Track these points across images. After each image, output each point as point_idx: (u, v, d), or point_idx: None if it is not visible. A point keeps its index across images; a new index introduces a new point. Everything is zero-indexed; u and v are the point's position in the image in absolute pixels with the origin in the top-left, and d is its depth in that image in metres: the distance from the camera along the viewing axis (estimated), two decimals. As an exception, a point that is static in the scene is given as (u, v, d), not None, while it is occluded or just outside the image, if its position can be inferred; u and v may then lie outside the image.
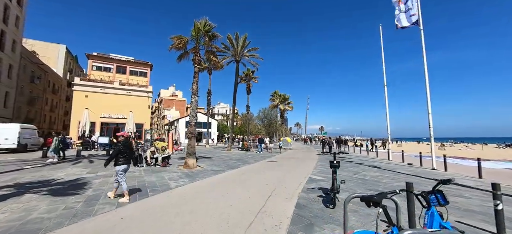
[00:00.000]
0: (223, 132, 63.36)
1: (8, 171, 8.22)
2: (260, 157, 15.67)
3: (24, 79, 27.67)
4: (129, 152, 5.03)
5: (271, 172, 8.84)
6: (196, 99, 10.36)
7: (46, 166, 9.75)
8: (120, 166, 4.82)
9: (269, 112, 26.94)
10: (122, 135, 5.36)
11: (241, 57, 23.45)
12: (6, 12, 23.12)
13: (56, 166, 9.96)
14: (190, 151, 9.97)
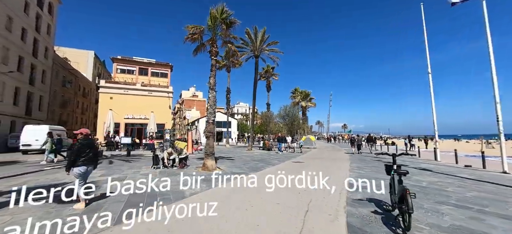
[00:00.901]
0: (243, 131, 62.88)
1: (26, 173, 7.97)
2: (283, 157, 14.39)
3: (56, 84, 29.34)
4: (91, 152, 4.46)
5: (300, 176, 7.55)
6: (213, 94, 9.42)
7: (64, 168, 9.49)
8: (78, 167, 4.26)
9: (291, 109, 25.44)
10: (80, 132, 4.64)
11: (261, 52, 22.32)
12: (38, 21, 24.48)
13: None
14: (209, 151, 9.05)
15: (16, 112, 21.22)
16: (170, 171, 8.65)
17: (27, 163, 10.86)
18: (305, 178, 6.76)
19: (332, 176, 7.70)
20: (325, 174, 7.99)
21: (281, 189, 5.70)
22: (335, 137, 60.59)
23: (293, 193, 5.35)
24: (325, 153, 18.53)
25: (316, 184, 6.06)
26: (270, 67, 31.10)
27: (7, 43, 19.49)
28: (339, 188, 6.02)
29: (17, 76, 20.97)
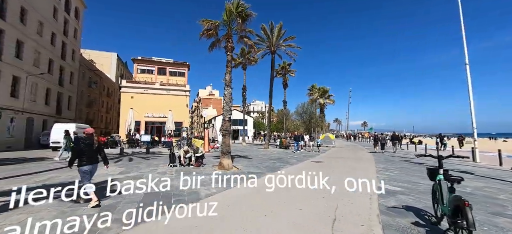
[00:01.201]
0: (259, 129, 62.63)
1: (50, 170, 8.26)
2: (302, 156, 13.80)
3: (83, 84, 31.04)
4: (93, 151, 4.51)
5: (323, 177, 7.01)
6: (229, 91, 9.12)
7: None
8: (84, 166, 4.34)
9: (308, 107, 24.58)
10: (84, 132, 4.73)
11: (277, 48, 21.74)
12: (66, 25, 25.94)
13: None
14: (225, 150, 8.78)
15: (48, 112, 22.68)
16: (186, 170, 8.53)
17: (54, 160, 11.38)
18: (329, 180, 6.20)
19: (357, 178, 7.05)
20: (350, 176, 7.36)
21: (302, 191, 5.22)
22: (354, 135, 58.19)
23: (317, 197, 4.86)
24: (346, 152, 17.58)
25: (341, 187, 5.50)
26: (287, 63, 30.35)
27: (38, 47, 20.83)
28: (368, 192, 5.40)
29: (47, 78, 22.37)
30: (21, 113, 18.97)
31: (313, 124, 24.45)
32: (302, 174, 7.41)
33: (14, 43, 18.00)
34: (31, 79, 19.82)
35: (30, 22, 19.61)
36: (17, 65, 18.29)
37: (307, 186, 5.23)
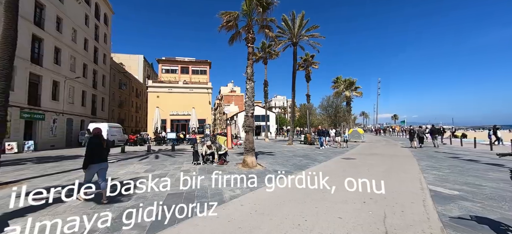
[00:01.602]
0: (281, 125, 61.64)
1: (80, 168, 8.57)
2: (329, 153, 12.89)
3: (114, 86, 33.03)
4: (101, 150, 4.57)
5: (358, 177, 6.22)
6: (251, 85, 8.63)
7: (117, 162, 10.07)
8: (92, 164, 4.42)
9: (334, 100, 23.18)
10: (93, 132, 4.71)
11: (299, 39, 20.70)
12: (97, 31, 27.62)
13: (125, 161, 10.19)
14: (249, 147, 8.36)
15: (84, 112, 24.46)
16: (209, 168, 8.28)
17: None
18: (367, 181, 5.44)
19: (401, 179, 6.15)
20: (389, 176, 6.47)
21: (338, 194, 4.55)
22: (384, 129, 54.38)
23: (357, 202, 4.17)
24: (378, 148, 16.17)
25: (384, 190, 4.71)
26: (309, 55, 29.04)
27: (73, 53, 22.41)
28: (419, 196, 4.56)
29: (83, 81, 24.05)
30: (61, 115, 20.63)
31: (340, 118, 23.05)
32: (335, 174, 6.70)
33: (53, 50, 19.51)
34: (68, 83, 21.41)
35: (65, 30, 21.10)
36: (56, 71, 19.83)
37: (343, 188, 4.56)
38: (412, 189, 5.12)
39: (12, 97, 15.54)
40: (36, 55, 17.87)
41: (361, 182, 4.81)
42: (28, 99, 16.82)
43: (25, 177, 7.12)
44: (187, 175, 7.14)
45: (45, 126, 18.52)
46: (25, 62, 16.50)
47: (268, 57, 27.14)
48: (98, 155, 4.47)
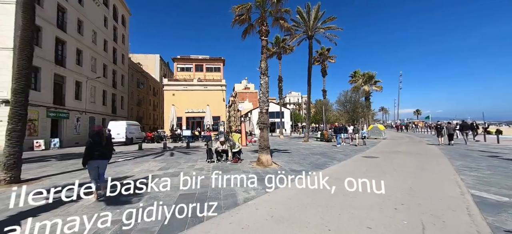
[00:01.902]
0: (296, 121, 60.64)
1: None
2: (348, 151, 12.20)
3: (132, 85, 34.14)
4: (101, 148, 4.56)
5: (384, 178, 5.64)
6: (266, 80, 8.25)
7: (133, 160, 10.19)
8: (91, 161, 4.45)
9: (352, 95, 22.10)
10: (93, 128, 4.73)
11: (315, 32, 19.87)
12: (115, 32, 28.57)
13: (141, 159, 10.29)
14: (263, 144, 8.01)
15: (105, 111, 25.49)
16: (223, 166, 8.06)
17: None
18: (394, 183, 4.92)
19: (434, 182, 5.49)
20: (422, 178, 5.82)
21: (364, 198, 4.06)
22: (406, 125, 51.47)
23: (387, 208, 3.68)
24: (402, 145, 15.12)
25: (415, 193, 4.18)
26: (325, 49, 27.92)
27: (94, 54, 23.32)
28: (461, 203, 3.96)
29: (103, 81, 25.02)
30: (84, 113, 21.61)
31: (358, 114, 21.97)
32: (357, 174, 6.15)
33: (75, 52, 20.39)
34: (90, 83, 22.34)
35: (86, 32, 21.96)
36: (78, 71, 20.73)
37: (368, 190, 4.07)
38: (450, 194, 4.49)
39: (39, 97, 16.48)
40: (59, 57, 18.76)
41: (388, 184, 4.28)
42: (54, 99, 17.72)
43: (47, 174, 7.33)
44: (201, 173, 6.97)
45: (69, 124, 19.48)
46: (50, 64, 17.35)
47: (282, 52, 26.47)
48: (98, 152, 4.50)
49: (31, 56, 6.37)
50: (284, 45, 25.49)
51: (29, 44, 6.24)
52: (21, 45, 6.14)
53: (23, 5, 6.26)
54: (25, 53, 6.19)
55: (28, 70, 6.26)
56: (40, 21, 16.36)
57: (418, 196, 4.30)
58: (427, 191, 4.67)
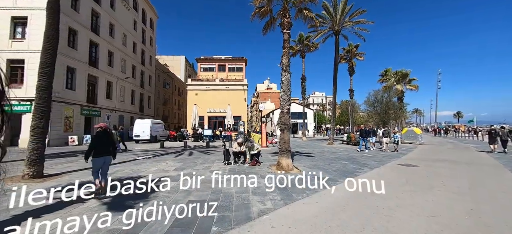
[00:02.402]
0: (320, 123, 58.38)
1: (117, 163, 8.80)
2: (381, 157, 10.90)
3: (158, 86, 35.58)
4: (104, 145, 4.60)
5: (432, 195, 4.60)
6: (287, 77, 7.55)
7: (153, 158, 10.20)
8: (95, 158, 4.50)
9: (384, 94, 20.19)
10: (99, 126, 4.78)
11: (342, 27, 18.51)
12: (144, 35, 29.94)
13: (160, 157, 10.26)
14: (284, 147, 7.33)
15: (133, 110, 26.80)
16: (240, 169, 7.55)
17: (128, 152, 12.62)
18: (447, 202, 3.92)
19: (502, 203, 4.31)
20: (483, 196, 4.65)
21: (412, 221, 3.17)
22: (446, 128, 46.33)
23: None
24: (444, 152, 13.23)
25: (488, 222, 3.18)
26: (353, 45, 26.15)
27: (124, 56, 24.61)
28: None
29: (132, 81, 26.33)
30: (114, 112, 22.86)
31: (392, 116, 20.02)
32: (395, 187, 5.17)
33: (107, 54, 21.64)
34: (120, 83, 23.59)
35: (117, 35, 23.23)
36: (109, 72, 21.98)
37: (416, 211, 3.18)
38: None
39: (74, 96, 17.67)
40: (93, 58, 20.01)
41: (439, 202, 3.36)
42: (87, 98, 18.93)
43: (71, 169, 7.49)
44: (216, 176, 6.55)
45: (101, 122, 20.69)
46: (84, 65, 18.56)
47: (306, 50, 25.37)
48: (102, 148, 4.54)
49: (55, 55, 6.49)
50: (308, 42, 24.38)
51: (52, 42, 6.35)
52: (45, 45, 6.27)
53: (48, 6, 6.39)
54: (49, 52, 6.31)
55: (51, 68, 6.37)
56: (76, 25, 17.58)
57: (489, 224, 3.28)
58: (497, 215, 3.60)
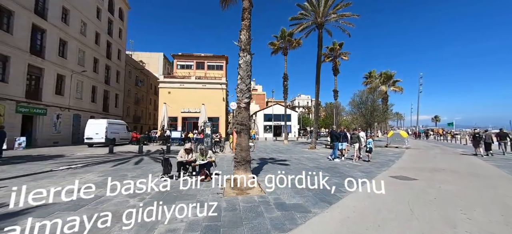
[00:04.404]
0: (305, 125, 57.26)
1: (14, 177, 6.27)
2: (368, 166, 9.13)
3: (129, 83, 32.33)
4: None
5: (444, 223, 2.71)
6: (247, 59, 5.49)
7: (77, 169, 7.69)
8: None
9: (369, 95, 18.84)
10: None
11: (325, 20, 16.91)
12: (110, 26, 26.81)
13: (89, 168, 7.76)
14: (240, 157, 5.26)
15: (94, 109, 23.57)
16: (177, 188, 5.29)
17: (67, 157, 9.95)
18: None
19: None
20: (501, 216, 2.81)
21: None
22: (426, 132, 46.79)
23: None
24: (436, 157, 11.81)
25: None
26: (338, 44, 24.87)
27: (82, 46, 21.47)
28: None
29: (93, 76, 23.15)
30: (67, 110, 19.66)
31: (377, 117, 18.69)
32: (399, 221, 3.29)
33: (57, 42, 18.50)
34: (76, 77, 20.43)
35: (73, 22, 20.12)
36: (61, 64, 18.83)
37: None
38: None
39: (6, 90, 14.49)
40: (37, 46, 16.87)
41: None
42: (26, 93, 15.76)
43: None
44: (135, 200, 4.31)
45: (47, 122, 17.50)
46: (23, 53, 15.43)
47: (288, 47, 23.67)
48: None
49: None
50: (290, 38, 22.69)
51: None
52: None
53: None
54: None
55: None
56: (11, 4, 14.51)
57: None
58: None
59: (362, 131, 11.28)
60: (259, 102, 72.82)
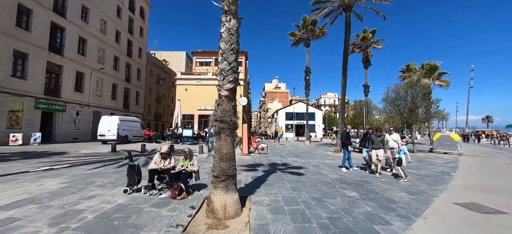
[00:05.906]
0: (331, 124, 53.39)
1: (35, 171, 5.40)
2: (414, 183, 6.72)
3: (151, 81, 32.76)
4: None
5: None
6: (231, 25, 3.76)
7: (52, 171, 6.74)
8: None
9: (411, 90, 15.57)
10: None
11: (354, 2, 14.30)
12: (131, 24, 27.13)
13: (66, 170, 6.77)
14: (219, 169, 3.54)
15: (115, 106, 23.94)
16: (130, 212, 3.77)
17: (70, 154, 9.32)
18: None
19: None
20: None
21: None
22: (478, 134, 39.84)
23: None
24: (510, 171, 8.73)
25: None
26: (369, 31, 21.68)
27: (102, 45, 21.77)
28: None
29: (113, 73, 23.48)
30: (87, 107, 19.99)
31: (419, 117, 15.48)
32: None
33: (77, 40, 18.78)
34: (95, 74, 20.72)
35: (93, 20, 20.38)
36: (80, 61, 19.12)
37: None
38: None
39: (25, 86, 14.77)
40: (56, 44, 17.18)
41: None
42: (45, 90, 16.06)
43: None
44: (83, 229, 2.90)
45: (66, 118, 17.82)
46: (42, 50, 15.69)
47: (311, 37, 21.24)
48: None
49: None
50: (313, 27, 20.24)
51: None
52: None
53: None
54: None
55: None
56: (29, 3, 14.75)
57: None
58: None
59: (395, 132, 8.15)
60: (282, 100, 70.35)
